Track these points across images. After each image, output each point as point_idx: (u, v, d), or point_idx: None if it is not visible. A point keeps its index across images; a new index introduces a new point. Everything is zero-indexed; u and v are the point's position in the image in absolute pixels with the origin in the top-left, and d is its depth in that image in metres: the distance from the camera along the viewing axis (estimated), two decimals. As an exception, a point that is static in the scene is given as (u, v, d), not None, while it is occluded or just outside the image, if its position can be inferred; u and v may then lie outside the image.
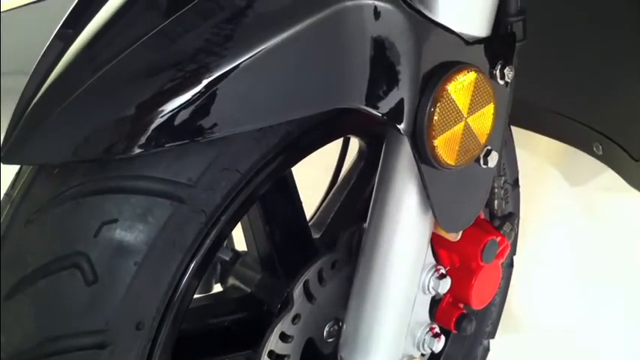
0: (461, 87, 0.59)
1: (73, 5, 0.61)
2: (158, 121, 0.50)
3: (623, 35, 1.00)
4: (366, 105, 0.57)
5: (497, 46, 0.65)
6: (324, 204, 0.90)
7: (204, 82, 0.51)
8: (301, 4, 0.54)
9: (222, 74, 0.51)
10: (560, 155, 1.62)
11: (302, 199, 0.79)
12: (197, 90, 0.51)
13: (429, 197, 0.64)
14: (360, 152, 0.90)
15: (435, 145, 0.59)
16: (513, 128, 1.03)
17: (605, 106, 1.07)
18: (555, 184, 1.61)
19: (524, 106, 1.16)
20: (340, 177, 0.91)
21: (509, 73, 0.65)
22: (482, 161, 0.66)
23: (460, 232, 0.73)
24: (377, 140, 0.86)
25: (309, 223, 0.86)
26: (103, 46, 0.55)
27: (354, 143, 0.91)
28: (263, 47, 0.52)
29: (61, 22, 0.60)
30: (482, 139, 0.64)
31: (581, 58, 1.07)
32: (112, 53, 0.54)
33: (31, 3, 2.53)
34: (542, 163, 1.61)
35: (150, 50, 0.53)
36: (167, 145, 0.51)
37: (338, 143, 0.88)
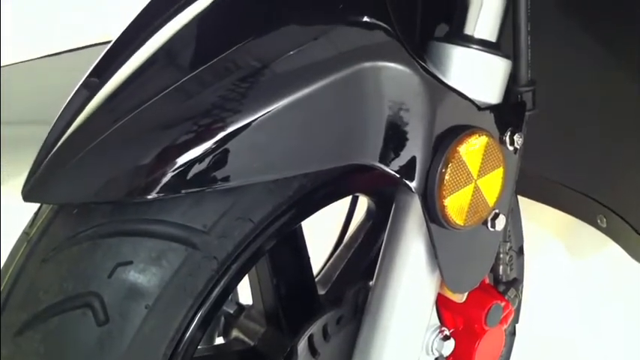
0: (472, 150, 0.61)
1: (101, 56, 0.64)
2: (174, 169, 0.52)
3: (628, 111, 1.02)
4: (380, 162, 0.58)
5: (508, 113, 0.67)
6: (330, 261, 0.91)
7: (221, 134, 0.52)
8: (321, 64, 0.56)
9: (239, 128, 0.53)
10: (564, 227, 1.63)
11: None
12: (213, 141, 0.52)
13: (436, 257, 0.65)
14: (369, 212, 0.91)
15: (445, 204, 0.61)
16: (519, 198, 1.05)
17: (610, 179, 1.09)
18: (559, 255, 1.62)
19: (530, 176, 1.18)
20: (347, 235, 0.92)
21: (518, 139, 0.67)
22: (489, 224, 0.67)
23: (466, 294, 0.73)
24: (385, 201, 0.87)
25: (315, 279, 0.87)
26: (125, 97, 0.58)
27: (362, 203, 0.92)
28: (281, 103, 0.54)
29: (89, 71, 0.63)
30: (491, 202, 0.65)
31: (586, 131, 1.10)
32: (133, 104, 0.56)
33: (31, 60, 2.59)
34: (547, 234, 1.62)
35: (169, 103, 0.56)
36: (183, 191, 0.52)
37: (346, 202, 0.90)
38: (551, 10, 1.00)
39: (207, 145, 0.52)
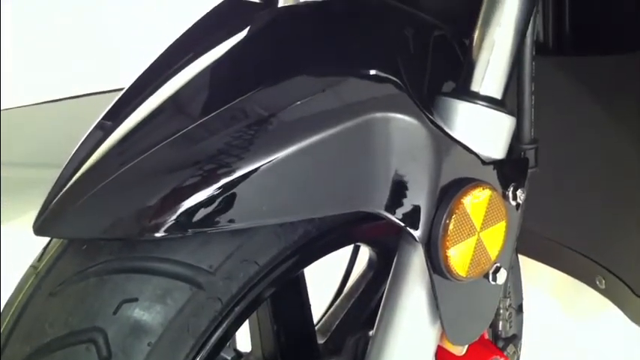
0: (476, 202, 0.62)
1: (115, 101, 0.66)
2: (182, 209, 0.53)
3: (629, 174, 1.04)
4: (385, 210, 0.60)
5: (511, 169, 0.68)
6: (330, 310, 0.91)
7: (229, 177, 0.54)
8: (332, 113, 0.58)
9: (246, 172, 0.54)
10: (562, 287, 1.63)
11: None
12: (221, 184, 0.54)
13: (438, 308, 0.66)
14: (370, 262, 0.92)
15: (448, 255, 0.62)
16: (519, 257, 1.05)
17: (609, 240, 1.10)
18: (557, 314, 1.62)
19: (530, 236, 1.19)
20: (348, 285, 0.92)
21: (521, 195, 0.69)
22: (491, 277, 0.68)
23: (465, 347, 0.74)
24: (387, 251, 0.88)
25: (315, 328, 0.87)
26: (137, 140, 0.60)
27: (363, 253, 0.93)
28: (290, 150, 0.56)
29: (103, 114, 0.65)
30: (493, 255, 0.66)
31: (587, 192, 1.11)
32: (145, 146, 0.58)
33: (30, 105, 2.63)
34: (545, 294, 1.63)
35: (180, 146, 0.57)
36: (190, 231, 0.53)
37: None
38: (552, 73, 1.03)
39: (215, 187, 0.54)
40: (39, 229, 0.56)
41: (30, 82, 2.64)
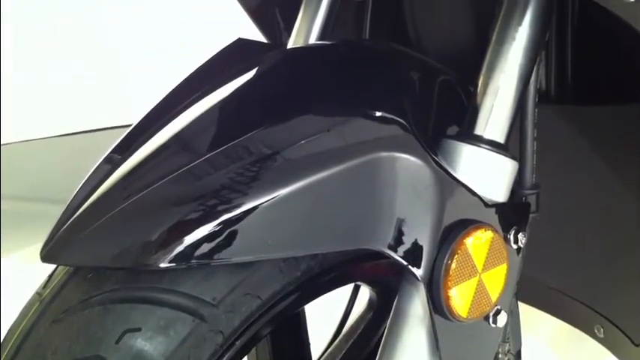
0: (478, 243, 0.63)
1: (124, 135, 0.67)
2: (186, 241, 0.54)
3: (628, 223, 1.05)
4: (388, 248, 0.60)
5: (513, 213, 0.69)
6: (329, 350, 0.91)
7: (235, 211, 0.55)
8: (339, 151, 0.59)
9: (252, 207, 0.55)
10: (561, 335, 1.63)
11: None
12: (225, 218, 0.55)
13: (438, 348, 0.66)
14: (370, 302, 0.92)
15: (450, 295, 0.62)
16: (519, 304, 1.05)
17: (609, 289, 1.10)
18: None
19: (530, 283, 1.19)
20: (347, 325, 0.92)
21: (522, 239, 0.70)
22: (491, 319, 0.68)
23: (464, 390, 0.73)
24: (388, 292, 0.88)
25: (313, 367, 0.87)
26: (146, 172, 0.61)
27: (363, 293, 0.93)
28: (294, 186, 0.57)
29: (111, 148, 0.66)
30: (494, 298, 0.66)
31: (587, 241, 1.12)
32: (153, 179, 0.59)
33: (30, 140, 2.66)
34: (543, 341, 1.62)
35: (187, 180, 0.58)
36: (194, 262, 0.54)
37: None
38: (554, 121, 1.05)
39: (219, 220, 0.55)
40: (46, 256, 0.57)
41: (30, 118, 2.67)
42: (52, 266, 0.62)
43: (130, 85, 2.62)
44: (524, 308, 1.10)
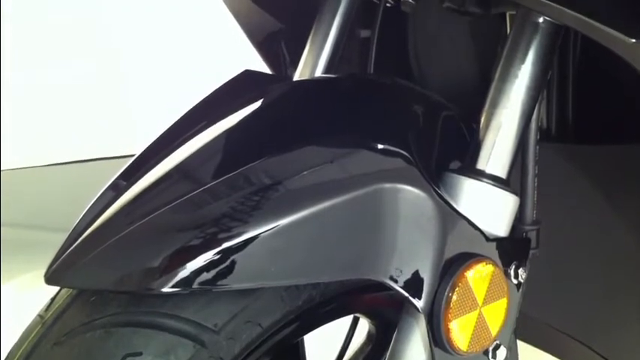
0: (479, 277, 0.64)
1: (129, 162, 0.68)
2: (189, 266, 0.55)
3: (628, 263, 1.05)
4: (389, 279, 0.61)
5: (513, 247, 0.70)
6: (327, 382, 0.90)
7: (238, 238, 0.56)
8: (342, 181, 0.60)
9: (254, 235, 0.56)
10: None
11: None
12: (229, 244, 0.56)
13: (437, 382, 0.66)
14: (369, 335, 0.92)
15: (450, 327, 0.62)
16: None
17: (608, 329, 1.10)
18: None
19: (529, 321, 1.19)
20: (346, 357, 0.92)
21: (522, 274, 0.70)
22: (490, 354, 0.68)
23: None
24: (387, 325, 0.88)
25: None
26: (151, 198, 0.62)
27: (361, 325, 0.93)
28: (298, 215, 0.58)
29: (116, 175, 0.67)
30: (494, 332, 0.67)
31: (587, 280, 1.12)
32: (159, 204, 0.60)
33: (30, 167, 2.68)
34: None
35: (192, 206, 0.59)
36: (196, 287, 0.55)
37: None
38: (554, 159, 1.06)
39: (222, 247, 0.56)
40: (50, 278, 0.58)
41: (31, 145, 2.69)
42: (54, 289, 0.63)
43: (135, 116, 2.64)
44: (522, 346, 1.10)
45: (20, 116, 2.62)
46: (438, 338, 0.63)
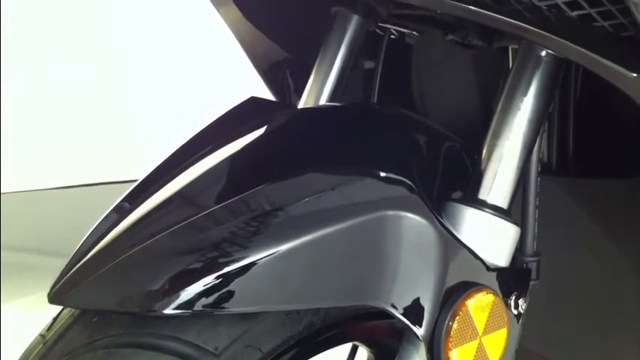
0: (479, 306, 0.64)
1: (133, 186, 0.69)
2: (190, 289, 0.55)
3: (628, 298, 1.05)
4: (390, 306, 0.61)
5: (514, 278, 0.70)
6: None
7: (241, 262, 0.56)
8: (346, 208, 0.61)
9: (256, 259, 0.57)
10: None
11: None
12: (231, 269, 0.56)
13: (436, 411, 0.66)
14: (368, 364, 0.91)
15: (450, 356, 0.62)
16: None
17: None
18: None
19: (528, 355, 1.18)
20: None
21: (522, 305, 0.70)
22: (490, 384, 0.68)
23: None
24: (386, 354, 0.88)
25: None
26: (156, 221, 0.62)
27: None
28: (300, 241, 0.58)
29: (122, 196, 0.68)
30: (493, 362, 0.67)
31: (586, 314, 1.12)
32: (163, 227, 0.60)
33: (30, 191, 2.68)
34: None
35: (195, 230, 0.60)
36: (197, 309, 0.55)
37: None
38: (554, 193, 1.06)
39: (224, 271, 0.56)
40: (53, 298, 0.58)
41: (31, 168, 2.69)
42: (54, 312, 0.63)
43: (141, 140, 2.65)
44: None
45: (21, 139, 2.63)
46: (438, 366, 0.63)
